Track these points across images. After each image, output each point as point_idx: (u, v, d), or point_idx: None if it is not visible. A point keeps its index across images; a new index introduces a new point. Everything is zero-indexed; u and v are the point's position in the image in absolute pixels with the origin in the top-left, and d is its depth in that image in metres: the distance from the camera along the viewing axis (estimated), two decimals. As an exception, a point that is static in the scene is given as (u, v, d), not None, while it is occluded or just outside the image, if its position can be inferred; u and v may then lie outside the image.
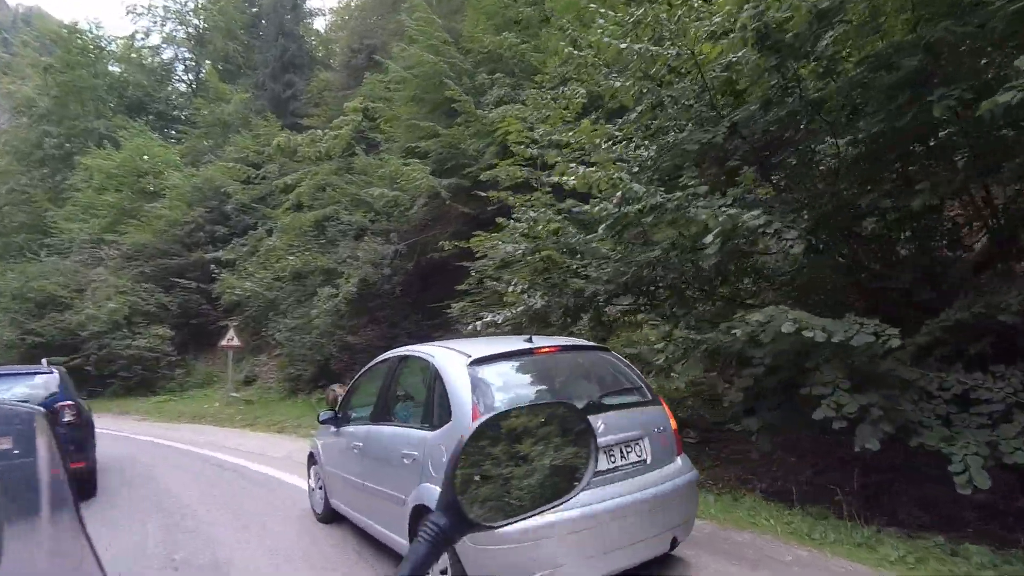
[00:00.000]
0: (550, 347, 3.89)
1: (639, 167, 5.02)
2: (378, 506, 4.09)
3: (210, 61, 31.36)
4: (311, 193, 15.78)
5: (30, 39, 34.73)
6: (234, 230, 20.50)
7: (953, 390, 3.88)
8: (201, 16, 33.14)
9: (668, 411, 3.83)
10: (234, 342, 15.60)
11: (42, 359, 7.41)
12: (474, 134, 13.51)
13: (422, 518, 3.46)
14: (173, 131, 30.07)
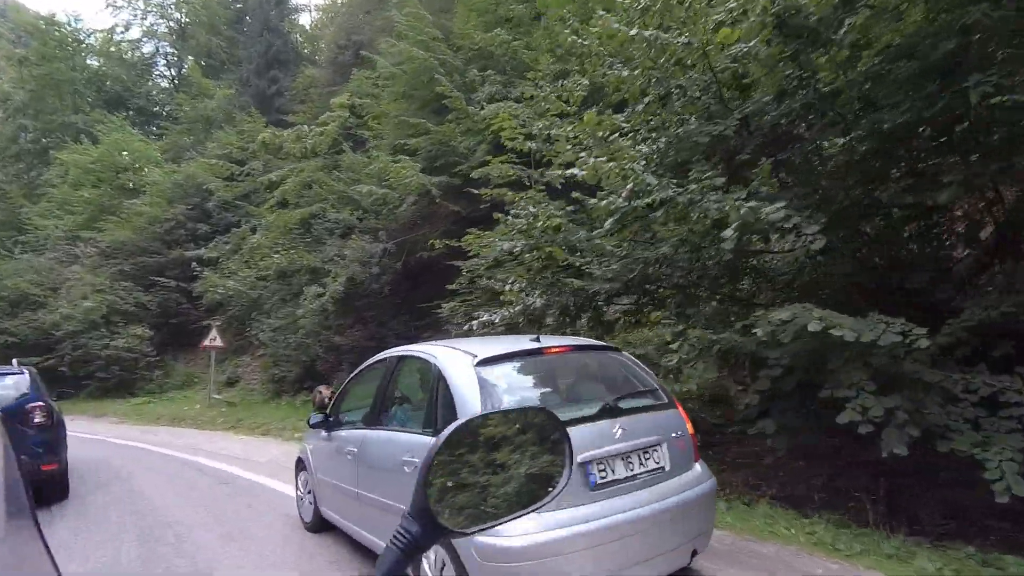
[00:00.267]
0: (560, 347, 3.66)
1: (645, 160, 4.82)
2: (374, 516, 3.82)
3: (192, 56, 30.76)
4: (297, 190, 15.40)
5: (5, 31, 33.84)
6: (216, 228, 20.06)
7: (980, 392, 3.71)
8: (183, 10, 32.49)
9: (684, 415, 3.61)
10: (216, 342, 15.18)
11: (12, 359, 7.06)
12: (465, 131, 13.28)
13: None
14: (154, 127, 29.39)
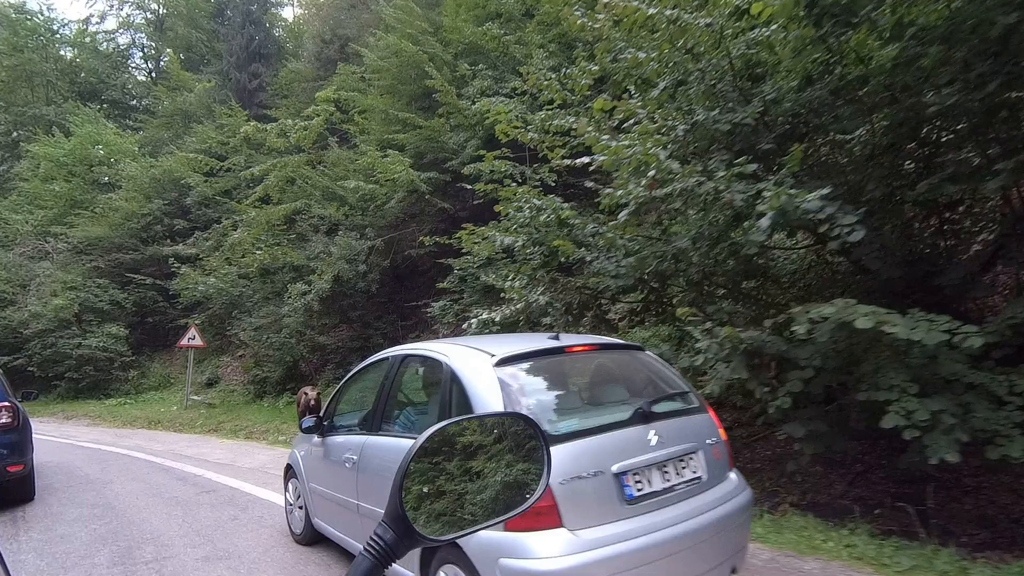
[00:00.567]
0: (583, 345, 3.36)
1: (661, 148, 4.54)
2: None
3: (171, 49, 29.92)
4: (280, 185, 14.93)
5: (-26, 20, 32.65)
6: (195, 224, 19.46)
7: (1028, 395, 3.48)
8: (161, 1, 31.64)
9: (717, 420, 3.33)
10: (196, 341, 14.66)
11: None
12: (455, 126, 12.95)
13: (439, 548, 2.88)
14: (129, 120, 28.49)
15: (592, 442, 2.71)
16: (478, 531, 0.94)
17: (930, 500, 3.91)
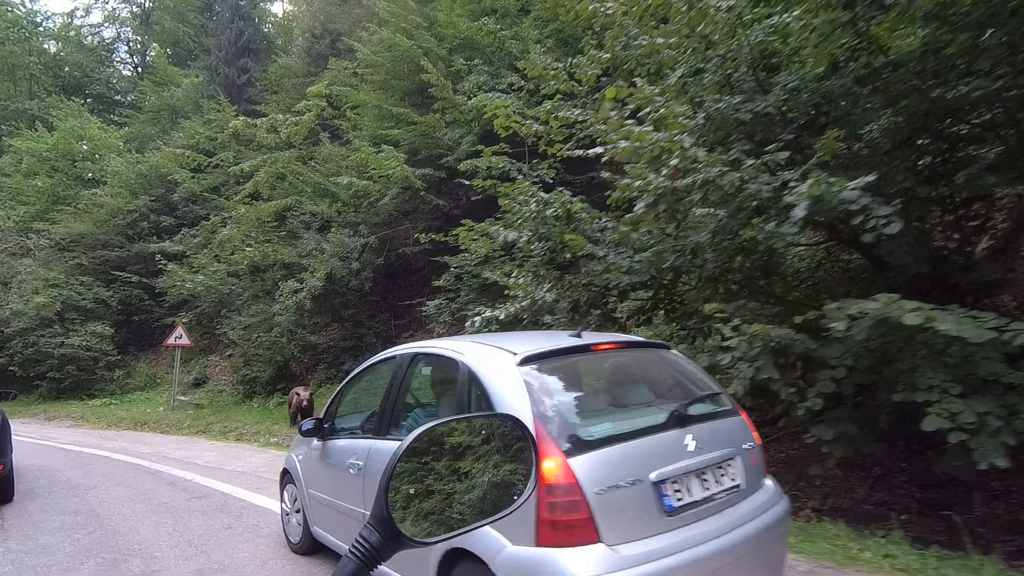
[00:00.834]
0: (609, 343, 3.14)
1: (687, 134, 4.33)
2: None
3: (157, 44, 29.39)
4: (270, 181, 14.59)
5: (-47, 12, 31.90)
6: (182, 221, 19.06)
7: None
8: (148, -5, 31.11)
9: (750, 423, 3.13)
10: (183, 340, 14.31)
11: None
12: (451, 122, 12.70)
13: (457, 566, 2.65)
14: (114, 115, 27.94)
15: (628, 448, 2.49)
16: (464, 534, 0.92)
17: (978, 508, 3.73)
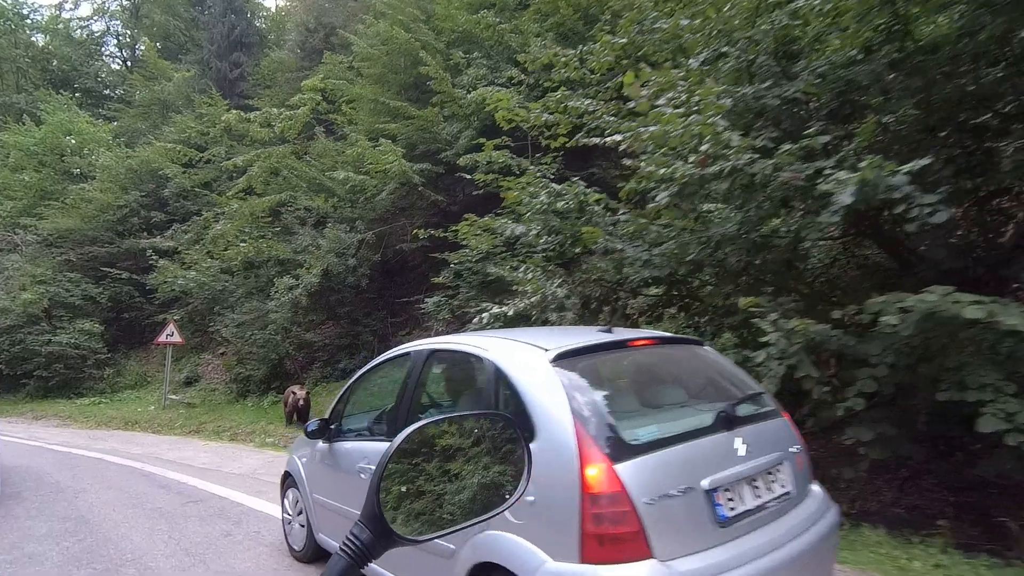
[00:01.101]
0: (644, 339, 2.93)
1: (720, 117, 4.13)
2: (405, 557, 2.97)
3: (147, 37, 28.92)
4: (264, 176, 14.29)
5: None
6: (173, 216, 18.72)
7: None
8: (138, -13, 30.61)
9: (793, 424, 2.92)
10: (174, 338, 13.99)
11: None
12: (449, 116, 12.47)
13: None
14: (103, 109, 27.45)
15: (678, 452, 2.28)
16: (455, 532, 0.92)
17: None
